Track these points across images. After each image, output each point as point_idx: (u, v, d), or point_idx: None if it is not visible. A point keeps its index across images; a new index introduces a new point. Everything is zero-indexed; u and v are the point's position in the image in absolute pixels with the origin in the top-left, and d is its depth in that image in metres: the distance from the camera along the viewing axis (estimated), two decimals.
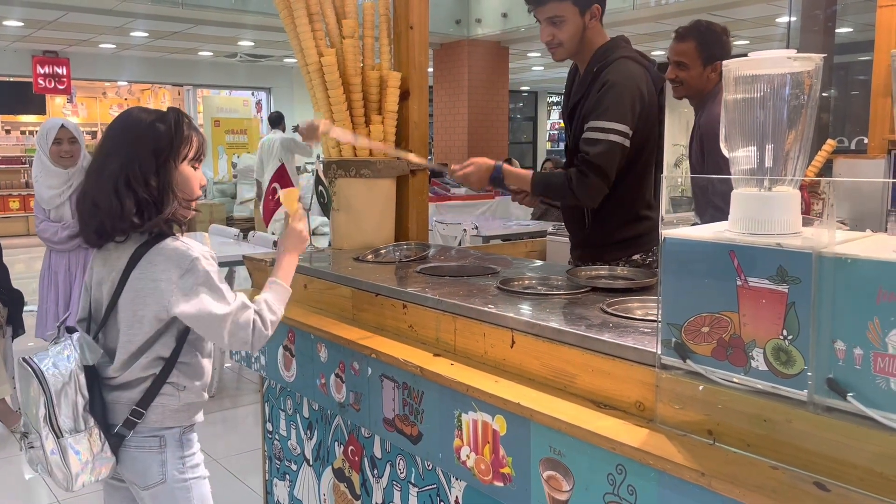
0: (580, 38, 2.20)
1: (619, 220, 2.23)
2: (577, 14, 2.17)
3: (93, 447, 1.59)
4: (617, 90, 2.10)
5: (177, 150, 1.63)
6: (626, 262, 2.23)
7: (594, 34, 2.22)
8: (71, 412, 1.57)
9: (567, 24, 2.17)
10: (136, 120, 1.65)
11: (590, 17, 2.18)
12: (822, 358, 1.01)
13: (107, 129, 1.68)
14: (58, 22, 9.73)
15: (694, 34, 2.78)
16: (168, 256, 1.59)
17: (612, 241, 2.25)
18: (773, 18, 9.09)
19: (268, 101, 15.48)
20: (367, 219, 2.59)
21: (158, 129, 1.62)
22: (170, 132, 1.62)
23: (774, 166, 1.13)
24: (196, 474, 1.72)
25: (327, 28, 2.59)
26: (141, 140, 1.61)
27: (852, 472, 0.99)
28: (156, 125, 1.62)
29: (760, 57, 1.11)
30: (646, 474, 1.16)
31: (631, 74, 2.14)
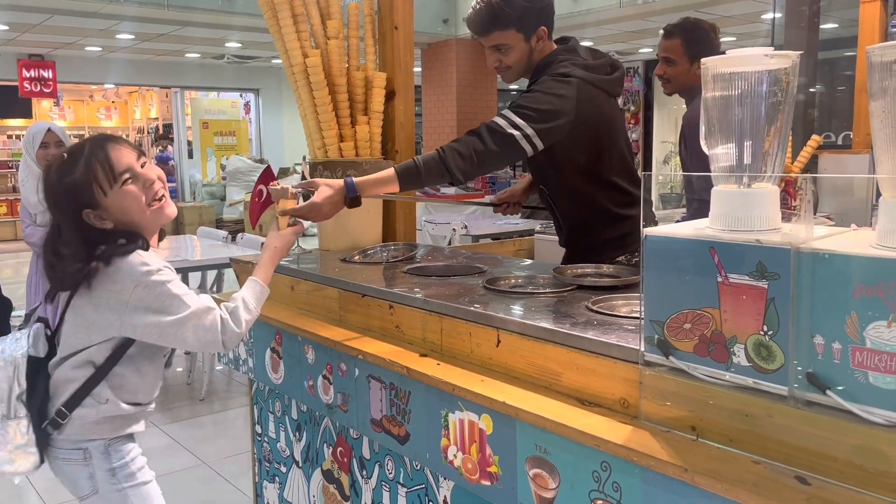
0: (528, 60, 2.16)
1: (597, 223, 2.20)
2: (523, 40, 2.13)
3: (17, 438, 1.58)
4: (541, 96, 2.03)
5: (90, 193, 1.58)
6: (611, 262, 2.22)
7: (542, 52, 2.17)
8: (5, 396, 1.57)
9: (513, 50, 2.14)
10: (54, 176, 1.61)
11: (536, 39, 2.13)
12: (801, 353, 1.02)
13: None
14: (43, 25, 9.67)
15: (680, 31, 2.80)
16: (123, 271, 1.57)
17: (594, 243, 2.23)
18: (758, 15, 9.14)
19: (256, 103, 15.43)
20: (354, 220, 2.59)
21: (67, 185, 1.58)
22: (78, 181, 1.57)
23: (753, 163, 1.13)
24: (133, 482, 1.67)
25: (312, 29, 2.59)
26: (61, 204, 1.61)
27: (833, 465, 1.00)
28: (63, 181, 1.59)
29: (738, 55, 1.12)
30: (630, 471, 1.17)
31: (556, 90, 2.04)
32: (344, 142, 2.57)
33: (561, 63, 2.10)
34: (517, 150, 1.98)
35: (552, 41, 2.21)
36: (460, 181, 1.97)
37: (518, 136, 1.96)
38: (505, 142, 1.96)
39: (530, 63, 2.17)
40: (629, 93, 12.83)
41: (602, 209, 2.19)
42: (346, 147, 2.56)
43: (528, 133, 1.97)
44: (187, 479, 3.33)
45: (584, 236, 2.27)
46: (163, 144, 15.70)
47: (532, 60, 2.17)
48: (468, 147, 1.95)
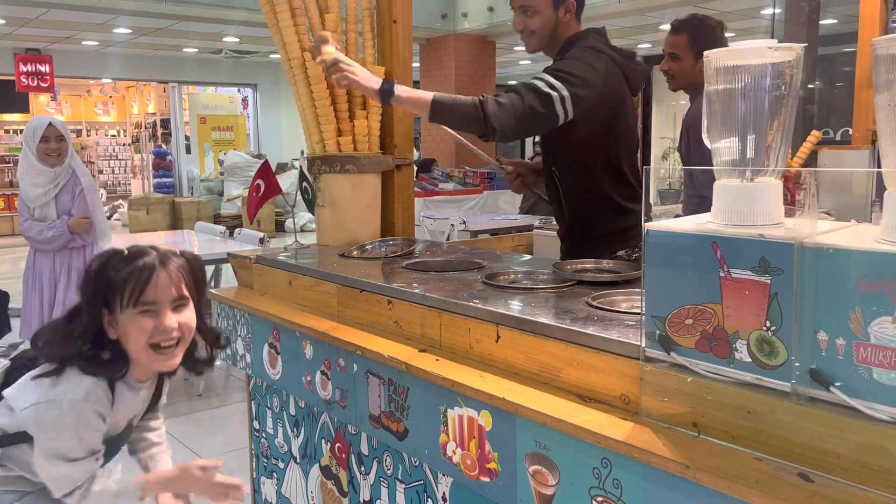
0: (552, 31, 2.20)
1: (600, 213, 2.20)
2: (551, 6, 2.17)
3: None
4: (574, 63, 2.06)
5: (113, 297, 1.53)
6: (611, 257, 2.21)
7: (567, 29, 2.20)
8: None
9: (539, 15, 2.17)
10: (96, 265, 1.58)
11: (564, 11, 2.17)
12: (804, 349, 1.01)
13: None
14: (40, 19, 9.63)
15: (687, 27, 2.79)
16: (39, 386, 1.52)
17: (595, 234, 2.22)
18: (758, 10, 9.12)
19: (254, 98, 15.40)
20: (353, 215, 2.57)
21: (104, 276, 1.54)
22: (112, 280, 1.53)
23: (756, 157, 1.12)
24: None
25: (310, 23, 2.57)
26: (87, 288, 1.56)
27: (836, 462, 0.99)
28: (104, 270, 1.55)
29: (741, 47, 1.11)
30: (631, 468, 1.16)
31: (589, 60, 2.08)
32: (342, 136, 2.55)
33: (592, 39, 2.15)
34: (552, 112, 1.97)
35: (580, 23, 2.23)
36: (493, 129, 1.93)
37: (555, 97, 1.96)
38: (543, 101, 1.96)
39: (555, 36, 2.20)
40: None
41: (607, 197, 2.19)
42: (345, 142, 2.55)
43: (563, 95, 1.97)
44: None
45: (586, 225, 2.25)
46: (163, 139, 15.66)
47: (557, 34, 2.20)
48: (508, 99, 1.95)
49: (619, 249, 2.21)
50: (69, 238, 3.92)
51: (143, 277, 1.53)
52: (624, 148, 2.20)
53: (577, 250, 2.25)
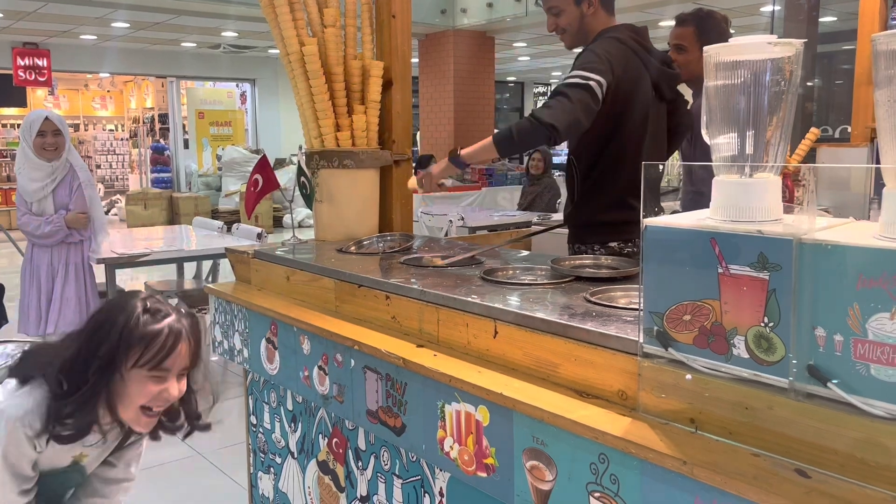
0: (580, 26, 2.29)
1: (601, 202, 2.26)
2: (573, 3, 2.27)
3: None
4: (589, 53, 2.17)
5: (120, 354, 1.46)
6: (603, 246, 2.27)
7: (596, 22, 2.29)
8: None
9: (565, 13, 2.29)
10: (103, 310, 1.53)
11: (587, 5, 2.27)
12: (802, 345, 1.01)
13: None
14: (38, 13, 9.59)
15: (693, 19, 2.81)
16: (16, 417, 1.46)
17: (593, 222, 2.29)
18: (757, 7, 9.12)
19: (252, 93, 15.36)
20: (351, 210, 2.57)
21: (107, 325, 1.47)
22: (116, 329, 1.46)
23: (755, 153, 1.12)
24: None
25: (309, 17, 2.56)
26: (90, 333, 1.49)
27: (833, 458, 0.99)
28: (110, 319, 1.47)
29: (741, 43, 1.10)
30: (628, 463, 1.16)
31: (608, 49, 2.17)
32: (340, 131, 2.55)
33: (619, 31, 2.24)
34: (595, 99, 2.06)
35: (612, 17, 2.32)
36: (556, 129, 2.00)
37: (594, 84, 2.06)
38: (586, 91, 2.05)
39: (584, 30, 2.30)
40: None
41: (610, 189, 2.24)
42: (343, 137, 2.54)
43: (599, 80, 2.07)
44: (182, 470, 3.32)
45: (587, 212, 2.31)
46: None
47: (586, 27, 2.29)
48: (555, 101, 2.06)
49: (614, 240, 2.26)
50: (67, 233, 3.92)
51: (170, 344, 1.47)
52: (638, 141, 2.23)
53: (576, 235, 2.35)
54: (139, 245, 4.53)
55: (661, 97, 2.30)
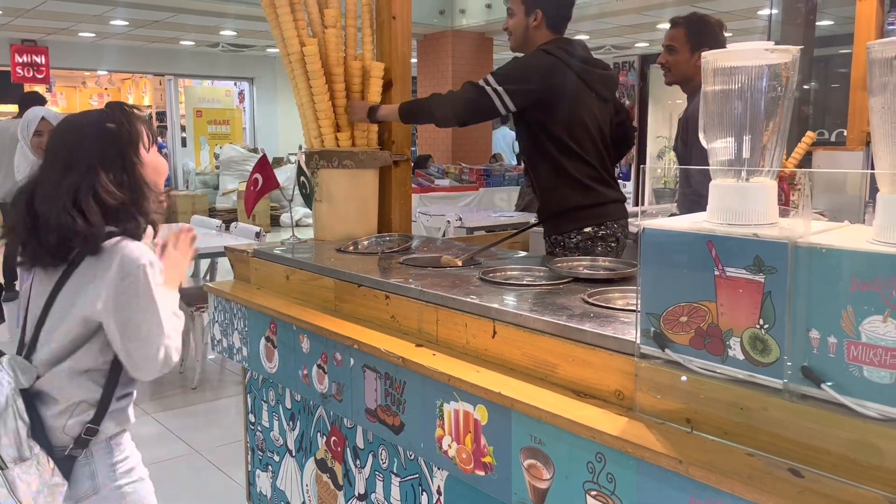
0: (524, 35, 2.50)
1: (562, 192, 2.44)
2: (523, 12, 2.48)
3: (42, 474, 1.46)
4: (516, 67, 2.40)
5: (136, 143, 1.56)
6: (579, 233, 2.41)
7: (538, 36, 2.48)
8: (13, 440, 1.45)
9: (514, 17, 2.51)
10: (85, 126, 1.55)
11: (532, 19, 2.46)
12: (797, 346, 1.03)
13: (51, 141, 1.57)
14: (36, 10, 9.58)
15: (685, 21, 2.84)
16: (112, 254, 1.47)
17: (563, 209, 2.44)
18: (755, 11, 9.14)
19: (250, 92, 15.35)
20: (350, 210, 2.58)
21: (110, 130, 1.53)
22: (122, 128, 1.54)
23: (752, 157, 1.14)
24: (131, 479, 1.60)
25: (309, 17, 2.58)
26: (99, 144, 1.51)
27: (826, 458, 1.01)
28: (105, 126, 1.54)
29: (738, 49, 1.12)
30: (624, 462, 1.17)
31: (529, 60, 2.41)
32: (340, 132, 2.56)
33: (550, 45, 2.43)
34: (488, 102, 2.32)
35: (556, 34, 2.50)
36: (436, 117, 2.38)
37: (489, 90, 2.31)
38: (478, 92, 2.33)
39: (527, 40, 2.51)
40: (624, 87, 12.83)
41: (568, 174, 2.43)
42: (343, 137, 2.56)
43: (497, 90, 2.31)
44: (179, 468, 3.33)
45: (554, 201, 2.49)
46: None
47: (528, 38, 2.50)
48: (450, 93, 2.40)
49: (588, 225, 2.41)
50: None
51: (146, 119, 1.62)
52: (582, 134, 2.43)
53: (551, 227, 2.50)
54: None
55: (604, 98, 2.51)
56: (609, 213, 2.46)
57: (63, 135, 1.55)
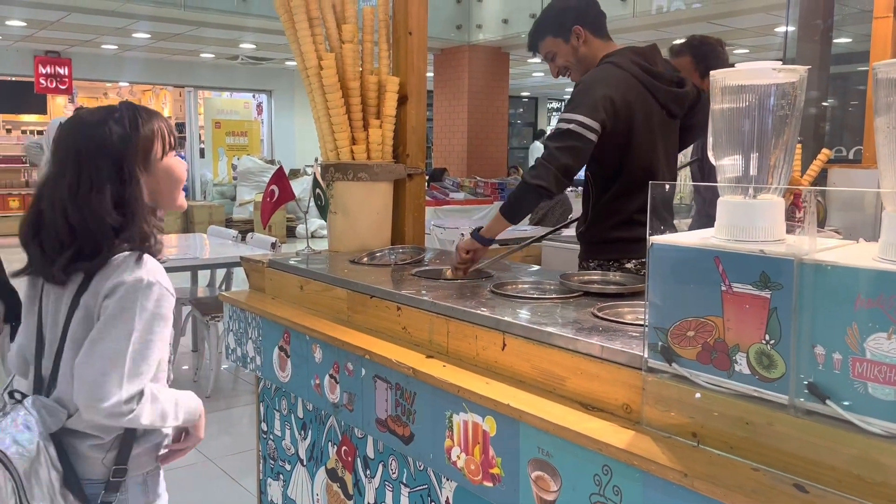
0: (579, 59, 2.30)
1: (614, 220, 2.26)
2: (563, 43, 2.30)
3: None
4: (580, 87, 2.18)
5: (143, 152, 1.44)
6: (620, 267, 2.24)
7: (593, 50, 2.28)
8: (46, 492, 1.31)
9: (559, 54, 2.32)
10: (88, 131, 1.42)
11: (576, 38, 2.28)
12: (802, 362, 1.04)
13: (55, 140, 1.46)
14: (60, 22, 9.76)
15: (687, 49, 2.83)
16: (119, 268, 1.37)
17: (604, 239, 2.28)
18: (771, 28, 9.14)
19: (268, 104, 15.52)
20: (364, 222, 2.61)
21: (113, 134, 1.41)
22: (125, 133, 1.42)
23: (759, 175, 1.15)
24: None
25: (327, 32, 2.62)
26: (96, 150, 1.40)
27: (831, 474, 1.01)
28: (109, 128, 1.41)
29: (747, 68, 1.14)
30: (631, 475, 1.18)
31: (602, 76, 2.18)
32: (356, 145, 2.60)
33: (617, 56, 2.23)
34: (580, 138, 2.07)
35: (608, 41, 2.32)
36: (545, 188, 2.05)
37: (574, 126, 2.07)
38: (565, 135, 2.08)
39: (584, 61, 2.30)
40: None
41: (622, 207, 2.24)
42: (358, 150, 2.59)
43: (580, 120, 2.07)
44: (192, 476, 3.36)
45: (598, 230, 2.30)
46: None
47: (584, 58, 2.30)
48: (540, 160, 2.09)
49: (628, 260, 2.24)
50: None
51: (166, 121, 1.51)
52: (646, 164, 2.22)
53: (587, 252, 2.34)
54: None
55: (672, 115, 2.30)
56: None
57: (67, 139, 1.45)
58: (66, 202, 1.39)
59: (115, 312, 1.35)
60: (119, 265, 1.38)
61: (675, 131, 2.36)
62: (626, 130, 2.17)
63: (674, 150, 2.37)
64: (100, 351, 1.33)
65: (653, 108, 2.22)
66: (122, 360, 1.32)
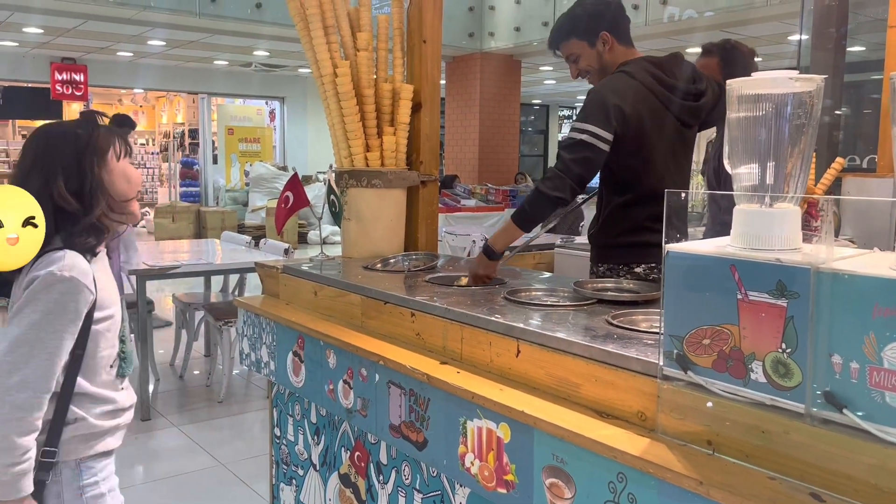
0: (601, 64, 2.30)
1: (623, 226, 2.27)
2: (588, 47, 2.30)
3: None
4: (592, 96, 2.18)
5: (102, 152, 1.57)
6: (629, 272, 2.25)
7: (615, 56, 2.29)
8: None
9: (583, 57, 2.32)
10: (51, 132, 1.59)
11: (602, 44, 2.28)
12: (819, 371, 1.04)
13: (22, 147, 1.61)
14: (77, 30, 9.87)
15: (718, 50, 2.81)
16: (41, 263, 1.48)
17: (615, 244, 2.29)
18: (784, 36, 9.12)
19: (281, 111, 15.61)
20: (378, 228, 2.63)
21: (77, 135, 1.57)
22: (88, 135, 1.57)
23: (776, 183, 1.15)
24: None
25: (342, 40, 2.64)
26: (60, 150, 1.54)
27: (848, 483, 1.01)
28: (73, 132, 1.57)
29: (763, 77, 1.14)
30: (646, 482, 1.19)
31: (613, 86, 2.18)
32: (370, 151, 2.61)
33: (631, 65, 2.23)
34: (592, 149, 2.09)
35: (630, 48, 2.32)
36: (562, 199, 2.07)
37: (586, 137, 2.09)
38: (579, 145, 2.09)
39: (605, 66, 2.31)
40: None
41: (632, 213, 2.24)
42: (372, 157, 2.61)
43: (592, 131, 2.09)
44: (204, 480, 3.37)
45: (609, 233, 2.30)
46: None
47: (606, 64, 2.30)
48: (555, 171, 2.10)
49: (637, 264, 2.25)
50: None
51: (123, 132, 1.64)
52: (658, 171, 2.22)
53: (599, 255, 2.35)
54: (167, 257, 4.63)
55: (686, 125, 2.30)
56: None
57: (31, 141, 1.59)
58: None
59: (23, 304, 1.48)
60: (42, 260, 1.49)
61: (690, 140, 2.36)
62: (637, 140, 2.17)
63: (687, 159, 2.37)
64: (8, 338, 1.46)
65: (665, 118, 2.22)
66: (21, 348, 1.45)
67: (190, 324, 4.91)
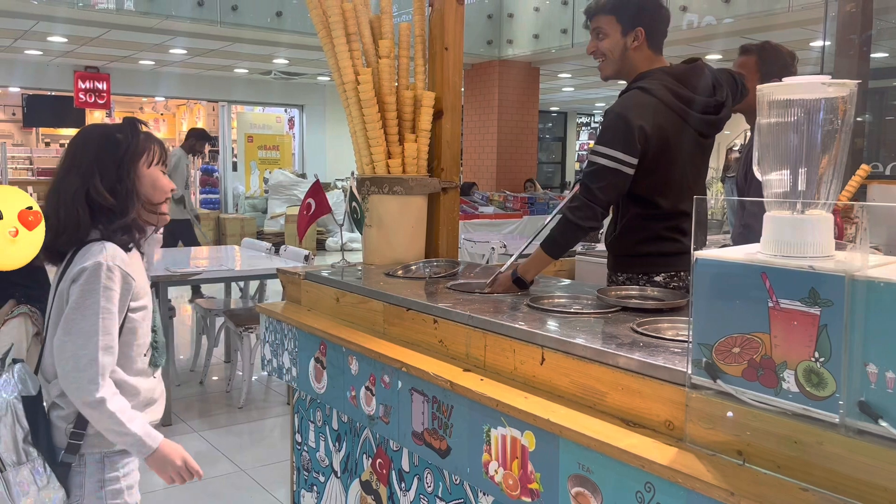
0: (622, 58, 2.23)
1: (640, 235, 2.24)
2: (619, 32, 2.21)
3: (37, 480, 1.54)
4: (609, 118, 2.14)
5: (138, 156, 1.67)
6: (648, 280, 2.23)
7: (639, 58, 2.23)
8: (11, 444, 1.54)
9: (608, 39, 2.23)
10: (92, 133, 1.70)
11: (632, 38, 2.21)
12: (853, 381, 1.02)
13: (66, 146, 1.72)
14: (100, 39, 10.00)
15: (758, 49, 2.77)
16: (86, 253, 1.58)
17: (633, 253, 2.25)
18: (807, 42, 9.03)
19: (300, 118, 15.71)
20: (399, 235, 2.63)
21: (116, 138, 1.67)
22: (127, 139, 1.67)
23: (807, 190, 1.14)
24: (116, 500, 1.65)
25: (364, 47, 2.65)
26: (99, 151, 1.65)
27: (883, 495, 0.99)
28: (113, 135, 1.67)
29: (795, 82, 1.13)
30: (675, 493, 1.17)
31: (633, 104, 2.13)
32: (391, 158, 2.62)
33: (650, 80, 2.17)
34: (617, 174, 2.08)
35: (659, 55, 2.27)
36: (592, 227, 2.08)
37: (611, 164, 2.07)
38: (603, 172, 2.08)
39: (625, 63, 2.24)
40: None
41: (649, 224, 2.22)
42: (394, 164, 2.61)
43: (618, 157, 2.07)
44: (225, 486, 3.38)
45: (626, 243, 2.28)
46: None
47: (628, 61, 2.23)
48: (584, 200, 2.09)
49: (657, 273, 2.22)
50: None
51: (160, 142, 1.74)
52: (676, 183, 2.20)
53: (616, 264, 2.32)
54: (188, 263, 4.66)
55: (704, 136, 2.27)
56: (682, 264, 2.22)
57: (75, 140, 1.71)
58: (66, 197, 1.63)
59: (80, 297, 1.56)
60: (84, 252, 1.60)
61: (708, 149, 2.33)
62: (658, 157, 2.14)
63: (704, 169, 2.35)
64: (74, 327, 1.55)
65: (685, 133, 2.19)
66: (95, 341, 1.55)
67: (210, 330, 4.93)
